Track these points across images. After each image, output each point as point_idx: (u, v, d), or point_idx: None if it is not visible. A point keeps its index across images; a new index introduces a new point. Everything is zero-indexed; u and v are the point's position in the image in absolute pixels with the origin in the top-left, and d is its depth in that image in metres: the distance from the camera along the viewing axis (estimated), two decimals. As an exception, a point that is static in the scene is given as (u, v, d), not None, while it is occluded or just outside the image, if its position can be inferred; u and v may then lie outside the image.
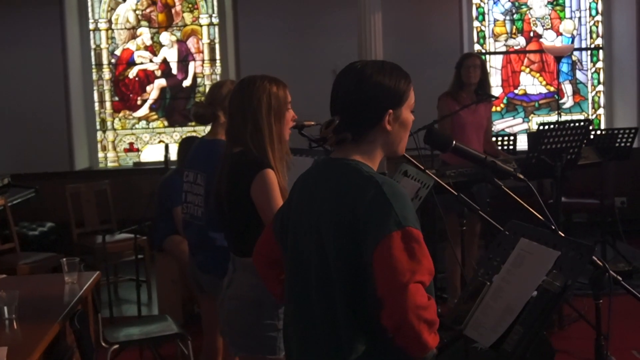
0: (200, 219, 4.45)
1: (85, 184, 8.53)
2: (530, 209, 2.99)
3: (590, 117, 11.23)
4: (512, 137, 8.73)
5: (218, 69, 10.93)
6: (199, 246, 4.48)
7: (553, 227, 2.79)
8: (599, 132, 8.72)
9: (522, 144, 9.64)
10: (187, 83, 11.01)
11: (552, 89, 11.14)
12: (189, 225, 4.56)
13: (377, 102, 2.42)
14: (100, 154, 10.96)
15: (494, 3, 11.15)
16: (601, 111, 11.29)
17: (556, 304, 2.60)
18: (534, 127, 10.72)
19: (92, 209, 8.29)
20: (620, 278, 2.83)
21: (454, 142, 2.95)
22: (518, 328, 2.59)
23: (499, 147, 7.93)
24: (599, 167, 7.21)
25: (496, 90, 11.03)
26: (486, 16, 11.12)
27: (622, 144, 8.11)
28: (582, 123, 6.03)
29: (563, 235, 2.80)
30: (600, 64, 11.25)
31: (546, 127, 5.93)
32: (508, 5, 11.17)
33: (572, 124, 6.02)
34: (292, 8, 10.42)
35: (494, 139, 7.70)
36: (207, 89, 10.70)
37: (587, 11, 11.22)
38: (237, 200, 3.49)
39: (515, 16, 11.19)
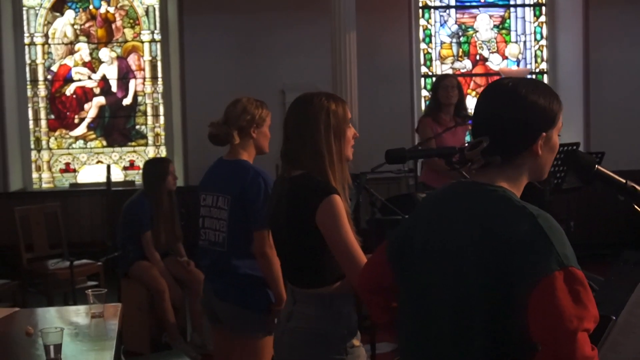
0: (222, 245, 4.21)
1: (36, 206, 8.09)
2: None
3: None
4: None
5: (160, 87, 10.57)
6: (219, 273, 4.24)
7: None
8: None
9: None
10: (127, 101, 10.61)
11: (497, 112, 11.07)
12: (207, 252, 4.29)
13: (532, 124, 2.22)
14: (35, 175, 10.47)
15: (441, 26, 11.08)
16: (545, 135, 11.27)
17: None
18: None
19: (41, 232, 7.87)
20: None
21: (597, 166, 2.68)
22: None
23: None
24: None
25: (442, 113, 10.94)
26: (433, 38, 11.03)
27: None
28: (569, 147, 5.94)
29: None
30: (544, 88, 11.23)
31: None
32: (455, 28, 11.11)
33: (561, 148, 5.91)
34: (240, 26, 10.15)
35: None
36: (148, 108, 10.43)
37: (532, 35, 11.24)
38: (300, 228, 3.18)
39: (461, 39, 11.13)
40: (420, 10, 10.93)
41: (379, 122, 9.80)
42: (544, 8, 11.19)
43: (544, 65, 11.24)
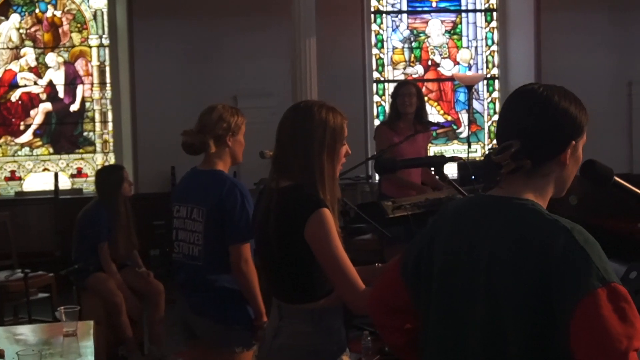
0: (197, 259, 4.06)
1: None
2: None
3: (486, 146, 11.23)
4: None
5: (108, 93, 10.34)
6: (194, 288, 4.09)
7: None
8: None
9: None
10: (74, 107, 10.34)
11: (449, 118, 11.08)
12: (181, 265, 4.14)
13: (562, 132, 2.13)
14: (-22, 183, 10.17)
15: (393, 31, 11.02)
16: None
17: None
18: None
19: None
20: None
21: (614, 177, 2.59)
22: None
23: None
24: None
25: (394, 118, 10.89)
26: (385, 44, 10.98)
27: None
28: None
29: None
30: (496, 94, 11.28)
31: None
32: (406, 33, 11.07)
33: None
34: (192, 31, 9.99)
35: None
36: (96, 114, 10.19)
37: (484, 41, 11.25)
38: (289, 242, 3.04)
39: (413, 44, 11.09)
40: (372, 16, 10.86)
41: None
42: (495, 13, 11.21)
43: (495, 71, 11.26)
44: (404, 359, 2.49)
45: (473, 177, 7.76)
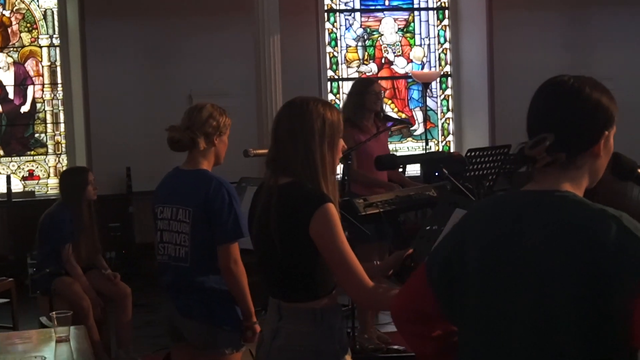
0: (184, 260, 3.98)
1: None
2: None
3: (440, 144, 11.29)
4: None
5: (60, 94, 10.16)
6: (182, 290, 4.01)
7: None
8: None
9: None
10: (25, 109, 10.15)
11: (403, 115, 11.10)
12: (167, 267, 4.05)
13: (596, 123, 2.13)
14: None
15: (346, 29, 11.02)
16: (450, 138, 11.36)
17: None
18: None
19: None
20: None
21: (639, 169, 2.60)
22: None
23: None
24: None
25: (349, 117, 10.89)
26: (339, 42, 10.97)
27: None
28: (504, 150, 5.93)
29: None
30: (449, 91, 11.34)
31: (473, 153, 5.81)
32: (360, 31, 11.07)
33: (494, 151, 5.91)
34: (146, 31, 9.86)
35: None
36: (48, 116, 10.00)
37: (436, 39, 11.30)
38: (292, 240, 2.98)
39: (367, 42, 11.10)
40: (326, 14, 10.84)
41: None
42: (447, 11, 11.27)
43: (447, 68, 11.31)
44: None
45: (437, 173, 7.81)
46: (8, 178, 9.33)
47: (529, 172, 2.21)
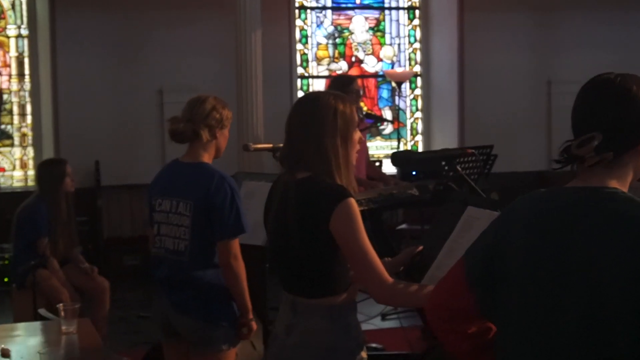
0: (183, 254, 3.91)
1: None
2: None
3: (408, 143, 11.31)
4: (378, 162, 8.61)
5: (27, 85, 10.00)
6: (178, 284, 3.94)
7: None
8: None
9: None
10: (-9, 99, 9.99)
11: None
12: (162, 260, 3.99)
13: None
14: None
15: (317, 27, 11.00)
16: (419, 138, 11.39)
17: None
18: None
19: None
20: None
21: None
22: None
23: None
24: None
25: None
26: (309, 39, 10.94)
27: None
28: (486, 150, 5.94)
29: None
30: (418, 91, 11.37)
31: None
32: (331, 29, 11.06)
33: (479, 150, 5.92)
34: (117, 25, 9.74)
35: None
36: (14, 107, 9.84)
37: (406, 38, 11.32)
38: (311, 235, 2.93)
39: (337, 40, 11.09)
40: (297, 11, 10.81)
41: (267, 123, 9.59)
42: (417, 11, 11.30)
43: (417, 68, 11.34)
44: None
45: (414, 172, 7.82)
46: (-26, 170, 9.17)
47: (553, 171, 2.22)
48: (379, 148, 11.15)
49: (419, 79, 11.33)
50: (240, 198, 3.92)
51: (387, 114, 11.20)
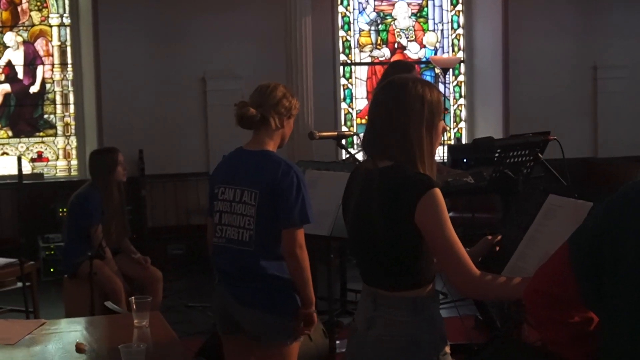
0: (248, 244, 3.81)
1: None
2: None
3: (451, 130, 11.18)
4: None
5: (70, 74, 9.97)
6: (240, 276, 3.85)
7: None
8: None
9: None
10: (34, 89, 9.96)
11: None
12: (224, 250, 3.90)
13: None
14: None
15: (360, 13, 10.89)
16: (462, 124, 11.26)
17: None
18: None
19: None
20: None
21: None
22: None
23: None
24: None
25: (361, 102, 10.81)
26: (352, 26, 10.83)
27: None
28: (542, 136, 5.80)
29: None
30: (461, 77, 11.23)
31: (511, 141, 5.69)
32: (373, 15, 10.94)
33: (530, 138, 5.78)
34: (159, 12, 9.67)
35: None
36: (57, 96, 9.81)
37: (450, 24, 11.18)
38: (396, 227, 2.84)
39: (380, 27, 10.97)
40: (340, -3, 10.72)
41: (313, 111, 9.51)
42: (461, -3, 11.18)
43: (461, 54, 11.20)
44: (566, 356, 2.34)
45: (465, 160, 7.72)
46: (19, 159, 9.09)
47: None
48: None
49: (462, 65, 11.18)
50: (306, 187, 3.83)
51: (430, 101, 11.05)
